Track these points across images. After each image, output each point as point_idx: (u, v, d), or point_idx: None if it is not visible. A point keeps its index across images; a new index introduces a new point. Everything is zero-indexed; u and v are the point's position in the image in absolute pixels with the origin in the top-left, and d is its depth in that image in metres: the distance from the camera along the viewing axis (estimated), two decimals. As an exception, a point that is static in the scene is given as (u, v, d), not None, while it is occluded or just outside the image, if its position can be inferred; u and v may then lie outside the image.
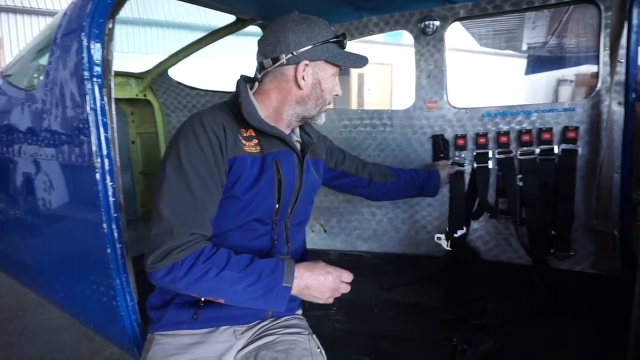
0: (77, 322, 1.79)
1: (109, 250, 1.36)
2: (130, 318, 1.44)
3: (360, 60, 1.34)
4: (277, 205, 1.30)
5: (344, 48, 1.34)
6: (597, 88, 1.96)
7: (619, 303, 1.29)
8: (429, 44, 2.25)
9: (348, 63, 1.32)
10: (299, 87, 1.29)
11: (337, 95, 1.37)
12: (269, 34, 1.30)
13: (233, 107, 1.29)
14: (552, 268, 2.07)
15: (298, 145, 1.41)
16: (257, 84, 1.34)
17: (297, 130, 1.45)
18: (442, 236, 2.24)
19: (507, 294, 1.90)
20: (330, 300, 1.23)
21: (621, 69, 1.87)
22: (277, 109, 1.33)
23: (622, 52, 1.84)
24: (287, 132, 1.37)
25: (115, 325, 1.46)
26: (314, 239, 2.60)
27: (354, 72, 10.94)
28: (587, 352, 1.49)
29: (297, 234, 1.44)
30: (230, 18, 2.40)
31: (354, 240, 2.55)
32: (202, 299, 1.27)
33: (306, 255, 1.53)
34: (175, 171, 1.16)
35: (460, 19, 2.23)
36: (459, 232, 2.18)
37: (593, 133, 1.99)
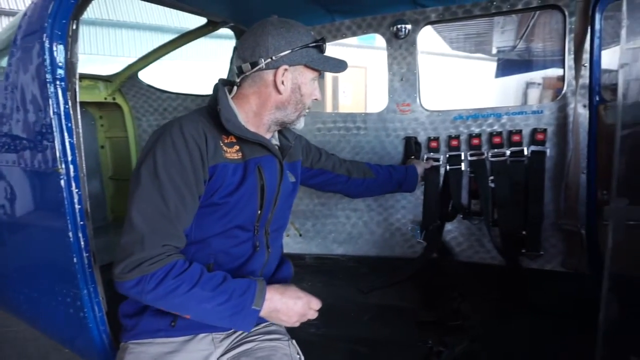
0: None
1: (75, 260, 1.31)
2: (99, 329, 1.39)
3: (340, 65, 1.34)
4: (259, 212, 1.29)
5: (323, 52, 1.33)
6: (563, 91, 2.02)
7: (587, 300, 1.32)
8: (402, 47, 2.26)
9: (328, 68, 1.32)
10: (279, 91, 1.27)
11: (316, 99, 1.37)
12: (247, 37, 1.28)
13: (212, 113, 1.27)
14: (523, 267, 2.11)
15: (276, 149, 1.39)
16: (235, 88, 1.33)
17: (276, 134, 1.44)
18: (416, 227, 2.28)
19: (481, 294, 1.92)
20: (297, 324, 1.24)
21: (585, 72, 1.92)
22: (256, 114, 1.31)
23: (586, 56, 1.90)
24: (268, 136, 1.36)
25: (84, 337, 1.41)
26: (290, 243, 2.58)
27: (329, 75, 10.96)
28: (558, 349, 1.52)
29: (276, 239, 1.43)
30: (201, 20, 2.36)
31: (329, 243, 2.55)
32: None
33: (284, 260, 1.52)
34: (151, 179, 1.13)
35: (431, 23, 2.26)
36: (432, 226, 2.22)
37: (560, 135, 2.04)
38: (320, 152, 1.77)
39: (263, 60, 1.24)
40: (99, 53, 9.67)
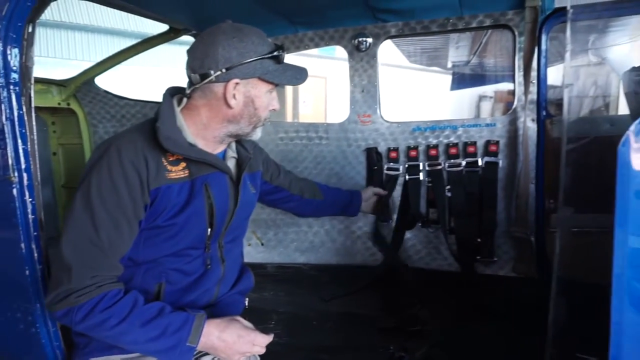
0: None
1: (27, 272, 1.25)
2: (53, 345, 1.32)
3: (299, 76, 1.28)
4: (209, 230, 1.24)
5: (282, 62, 1.25)
6: (514, 106, 2.14)
7: (536, 303, 1.40)
8: (363, 60, 2.33)
9: (284, 80, 1.24)
10: (229, 106, 1.20)
11: (274, 110, 1.30)
12: (197, 46, 1.20)
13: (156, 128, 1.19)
14: (478, 273, 2.20)
15: (233, 161, 1.36)
16: (185, 99, 1.26)
17: (234, 145, 1.38)
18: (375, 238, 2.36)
19: (439, 300, 1.99)
20: None
21: (534, 89, 2.05)
22: (207, 126, 1.24)
23: (534, 73, 2.03)
24: (221, 148, 1.31)
25: (36, 354, 1.34)
26: (251, 252, 2.57)
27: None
28: (511, 350, 1.60)
29: (232, 249, 1.38)
30: (163, 26, 2.33)
31: (291, 252, 2.55)
32: None
33: (244, 270, 1.49)
34: (83, 207, 1.09)
35: (391, 37, 2.34)
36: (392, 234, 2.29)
37: (511, 147, 2.16)
38: (279, 169, 1.74)
39: (213, 72, 1.16)
40: (50, 56, 9.26)
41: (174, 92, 1.28)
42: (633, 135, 0.65)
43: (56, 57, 9.28)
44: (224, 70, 1.16)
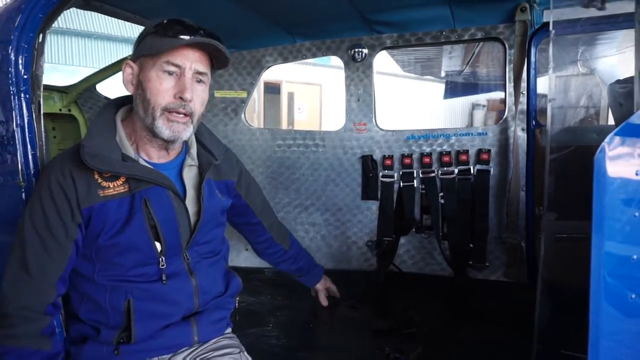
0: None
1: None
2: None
3: (188, 41, 1.10)
4: (159, 247, 1.18)
5: (172, 35, 1.10)
6: (505, 115, 2.22)
7: (527, 307, 1.46)
8: (359, 70, 2.39)
9: (160, 48, 1.10)
10: (130, 92, 1.17)
11: (181, 98, 1.12)
12: None
13: None
14: (470, 278, 2.26)
15: (194, 170, 1.28)
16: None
17: (194, 151, 1.30)
18: (371, 244, 2.39)
19: (433, 304, 2.04)
20: None
21: (524, 99, 2.13)
22: (136, 131, 1.20)
23: (524, 84, 2.11)
24: (171, 156, 1.25)
25: None
26: (249, 257, 2.60)
27: (285, 91, 11.13)
28: (502, 353, 1.65)
29: (204, 261, 1.30)
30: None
31: (288, 257, 2.59)
32: (121, 334, 1.19)
33: (231, 277, 1.41)
34: (17, 232, 1.12)
35: (386, 48, 2.41)
36: (387, 240, 2.34)
37: (502, 155, 2.23)
38: (255, 187, 1.63)
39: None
40: (47, 61, 9.27)
41: (122, 102, 1.26)
42: (608, 145, 0.71)
43: (53, 62, 9.30)
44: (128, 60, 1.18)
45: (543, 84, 2.16)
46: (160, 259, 1.19)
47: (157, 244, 1.18)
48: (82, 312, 1.20)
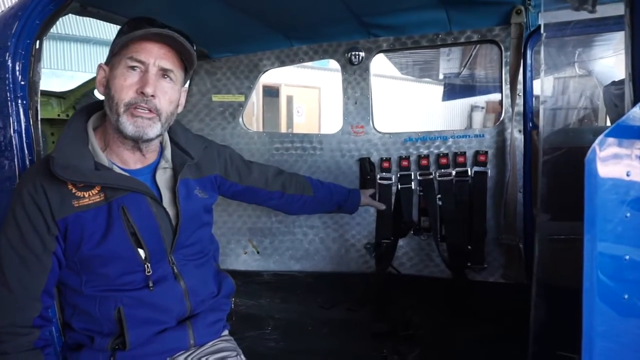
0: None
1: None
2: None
3: (149, 31, 1.10)
4: (143, 253, 1.17)
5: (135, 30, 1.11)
6: (502, 117, 2.22)
7: (525, 308, 1.46)
8: (356, 73, 2.40)
9: (120, 43, 1.10)
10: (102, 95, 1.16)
11: (142, 93, 1.10)
12: None
13: None
14: (469, 280, 2.26)
15: (168, 172, 1.26)
16: None
17: (167, 153, 1.28)
18: (370, 246, 2.39)
19: (431, 306, 2.04)
20: None
21: (520, 101, 2.14)
22: (107, 134, 1.18)
23: (520, 86, 2.12)
24: (148, 160, 1.23)
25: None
26: (247, 260, 2.61)
27: (284, 95, 11.15)
28: (500, 354, 1.66)
29: (190, 263, 1.28)
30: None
31: (286, 260, 2.60)
32: (116, 341, 1.18)
33: (223, 279, 1.39)
34: None
35: (383, 51, 2.42)
36: (385, 243, 2.34)
37: (499, 157, 2.23)
38: (249, 167, 1.58)
39: None
40: (44, 67, 9.29)
41: (94, 109, 1.24)
42: (598, 147, 0.71)
43: (51, 68, 9.32)
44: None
45: (539, 86, 2.17)
46: (146, 265, 1.17)
47: (141, 251, 1.16)
48: (75, 322, 1.20)
